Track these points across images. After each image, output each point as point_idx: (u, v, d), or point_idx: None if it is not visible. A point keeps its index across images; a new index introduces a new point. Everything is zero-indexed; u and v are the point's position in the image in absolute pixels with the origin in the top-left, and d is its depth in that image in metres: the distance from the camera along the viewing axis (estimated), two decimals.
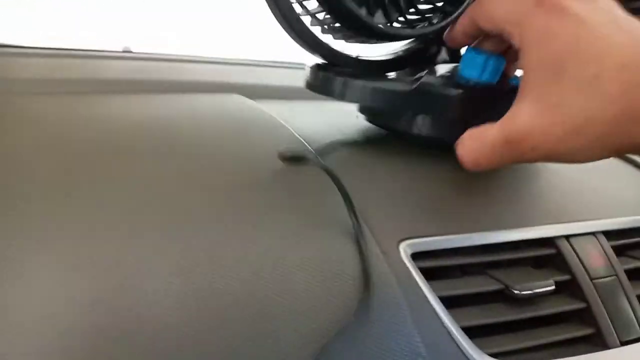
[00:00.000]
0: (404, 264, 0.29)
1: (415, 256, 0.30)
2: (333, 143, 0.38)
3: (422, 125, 0.36)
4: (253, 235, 0.28)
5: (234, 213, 0.29)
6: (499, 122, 0.27)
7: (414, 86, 0.33)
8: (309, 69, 0.38)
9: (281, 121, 0.40)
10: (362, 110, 0.41)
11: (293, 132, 0.38)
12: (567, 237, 0.34)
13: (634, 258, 0.36)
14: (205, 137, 0.36)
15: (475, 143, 0.28)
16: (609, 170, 0.42)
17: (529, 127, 0.26)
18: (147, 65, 0.58)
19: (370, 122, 0.41)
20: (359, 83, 0.34)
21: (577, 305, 0.32)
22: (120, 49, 0.81)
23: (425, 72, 0.34)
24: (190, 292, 0.25)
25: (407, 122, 0.36)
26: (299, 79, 0.40)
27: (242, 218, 0.29)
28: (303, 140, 0.37)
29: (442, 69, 0.36)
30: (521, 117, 0.26)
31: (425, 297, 0.29)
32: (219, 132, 0.37)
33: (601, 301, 0.32)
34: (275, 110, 0.42)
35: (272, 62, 0.66)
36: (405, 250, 0.30)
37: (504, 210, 0.34)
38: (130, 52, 0.72)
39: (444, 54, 0.39)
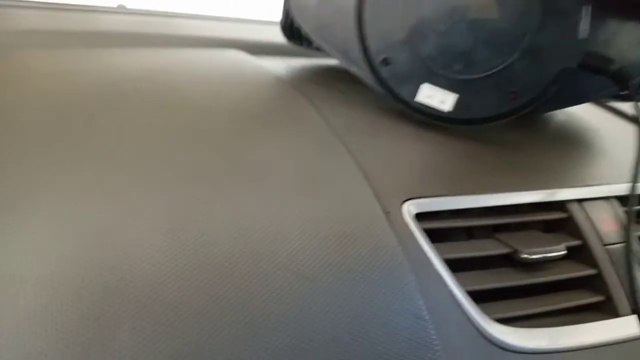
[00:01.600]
0: (407, 224, 0.28)
1: (420, 217, 0.28)
2: (333, 100, 0.36)
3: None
4: (247, 190, 0.26)
5: (227, 167, 0.27)
6: None
7: None
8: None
9: (278, 75, 0.38)
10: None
11: (291, 86, 0.36)
12: (579, 201, 0.33)
13: None
14: (199, 91, 0.34)
15: None
16: (624, 137, 0.40)
17: None
18: (143, 20, 0.55)
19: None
20: None
21: (588, 271, 0.31)
22: (115, 6, 0.79)
23: None
24: (178, 246, 0.23)
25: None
26: None
27: (235, 172, 0.27)
28: (301, 95, 0.35)
29: None
30: None
31: (429, 259, 0.27)
32: (214, 85, 0.35)
33: (613, 268, 0.31)
34: (272, 65, 0.40)
35: (271, 20, 0.63)
36: (409, 210, 0.28)
37: (514, 174, 0.32)
38: (125, 8, 0.70)
39: None
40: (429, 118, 0.33)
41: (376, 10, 0.32)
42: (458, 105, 0.32)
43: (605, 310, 0.30)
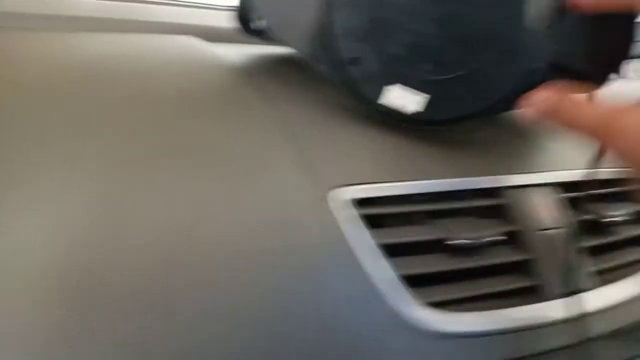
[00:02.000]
0: (347, 209, 0.28)
1: (360, 203, 0.29)
2: (284, 90, 0.36)
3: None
4: (189, 176, 0.27)
5: (168, 153, 0.27)
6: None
7: None
8: None
9: (229, 63, 0.38)
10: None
11: (241, 75, 0.36)
12: (515, 188, 0.33)
13: (586, 211, 0.35)
14: (145, 78, 0.34)
15: None
16: None
17: None
18: (97, 4, 0.55)
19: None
20: None
21: (520, 256, 0.31)
22: None
23: None
24: (112, 233, 0.23)
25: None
26: None
27: (177, 158, 0.27)
28: (250, 83, 0.35)
29: None
30: None
31: (366, 244, 0.28)
32: (162, 72, 0.35)
33: (546, 253, 0.32)
34: (225, 53, 0.40)
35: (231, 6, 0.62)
36: (349, 195, 0.29)
37: (451, 160, 0.33)
38: None
39: None
40: (395, 119, 0.32)
41: (344, 7, 0.31)
42: (427, 106, 0.31)
43: (537, 294, 0.31)
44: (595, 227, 0.35)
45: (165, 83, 0.33)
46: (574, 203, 0.34)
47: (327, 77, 0.33)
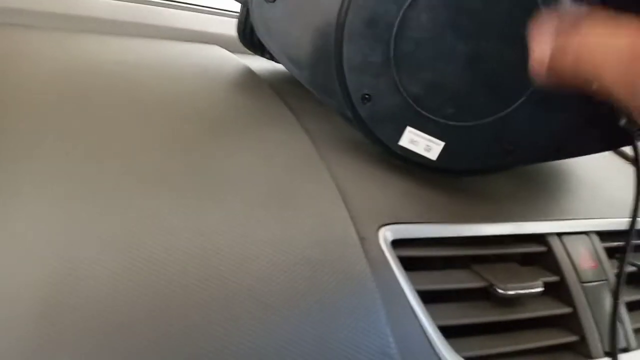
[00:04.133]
0: (383, 251, 0.26)
1: (396, 244, 0.27)
2: (316, 110, 0.34)
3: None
4: (211, 204, 0.24)
5: (191, 177, 0.25)
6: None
7: None
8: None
9: (259, 77, 0.36)
10: None
11: (272, 91, 0.34)
12: (559, 235, 0.32)
13: (629, 262, 0.34)
14: (170, 90, 0.32)
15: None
16: (607, 169, 0.39)
17: None
18: (123, 6, 0.53)
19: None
20: None
21: (564, 309, 0.30)
22: None
23: None
24: (129, 264, 0.21)
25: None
26: None
27: (200, 183, 0.25)
28: (281, 101, 0.33)
29: None
30: None
31: (402, 290, 0.26)
32: (188, 84, 0.33)
33: (589, 307, 0.30)
34: (255, 65, 0.38)
35: None
36: (385, 236, 0.27)
37: (494, 204, 0.31)
38: None
39: None
40: (410, 164, 0.29)
41: (359, 38, 0.27)
42: (444, 153, 0.28)
43: (579, 350, 0.29)
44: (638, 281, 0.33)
45: (190, 97, 0.31)
46: (616, 253, 0.32)
47: (337, 112, 0.30)
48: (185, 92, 0.32)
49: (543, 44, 0.21)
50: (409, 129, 0.28)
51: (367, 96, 0.28)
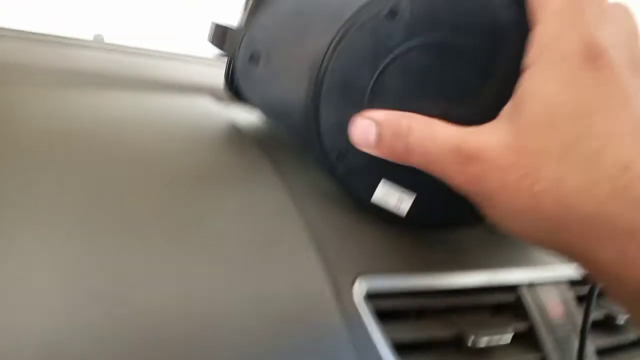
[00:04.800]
0: (357, 304, 0.28)
1: (371, 295, 0.28)
2: (296, 160, 0.35)
3: None
4: (191, 258, 0.26)
5: (172, 231, 0.27)
6: (458, 128, 0.25)
7: None
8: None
9: (245, 132, 0.38)
10: None
11: (254, 143, 0.36)
12: (529, 284, 0.33)
13: (599, 309, 0.35)
14: (156, 145, 0.33)
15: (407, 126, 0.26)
16: None
17: (497, 150, 0.23)
18: (119, 59, 0.55)
19: None
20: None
21: (534, 356, 0.31)
22: (92, 37, 0.78)
23: None
24: (111, 317, 0.22)
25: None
26: None
27: (180, 237, 0.26)
28: (262, 153, 0.35)
29: None
30: (493, 136, 0.23)
31: (376, 342, 0.27)
32: (174, 138, 0.35)
33: (558, 355, 0.31)
34: (240, 117, 0.40)
35: None
36: (360, 289, 0.28)
37: (467, 254, 0.32)
38: (102, 42, 0.69)
39: None
40: (385, 216, 0.30)
41: (334, 100, 0.29)
42: (417, 206, 0.29)
43: None
44: (607, 326, 0.35)
45: (175, 152, 0.33)
46: (585, 300, 0.34)
47: (319, 166, 0.31)
48: (172, 148, 0.33)
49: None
50: (382, 182, 0.30)
51: (342, 153, 0.30)
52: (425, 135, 0.25)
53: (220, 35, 0.36)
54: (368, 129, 0.27)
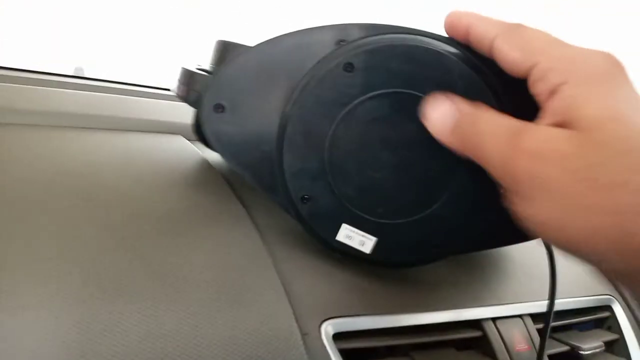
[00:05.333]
0: (325, 346, 0.28)
1: (338, 336, 0.29)
2: (268, 204, 0.36)
3: None
4: (166, 304, 0.26)
5: (147, 277, 0.27)
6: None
7: None
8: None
9: (218, 170, 0.39)
10: None
11: (224, 183, 0.37)
12: (494, 320, 0.34)
13: (559, 341, 0.36)
14: (130, 189, 0.34)
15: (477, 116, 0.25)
16: (541, 251, 0.42)
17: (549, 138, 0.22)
18: (97, 98, 0.56)
19: None
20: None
21: None
22: (72, 70, 0.79)
23: None
24: None
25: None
26: None
27: (155, 284, 0.27)
28: (236, 197, 0.36)
29: None
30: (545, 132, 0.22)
31: None
32: (148, 181, 0.36)
33: None
34: (215, 158, 0.41)
35: None
36: (326, 330, 0.29)
37: (432, 292, 0.34)
38: (83, 76, 0.70)
39: None
40: (348, 258, 0.32)
41: (296, 147, 0.30)
42: (378, 247, 0.31)
43: None
44: (572, 359, 0.36)
45: (149, 195, 0.34)
46: (547, 334, 0.35)
47: (284, 210, 0.32)
48: (145, 190, 0.34)
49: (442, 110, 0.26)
50: (344, 226, 0.31)
51: (306, 197, 0.31)
52: (492, 122, 0.24)
53: (188, 79, 0.37)
54: (448, 114, 0.26)
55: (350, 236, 0.31)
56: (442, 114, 0.27)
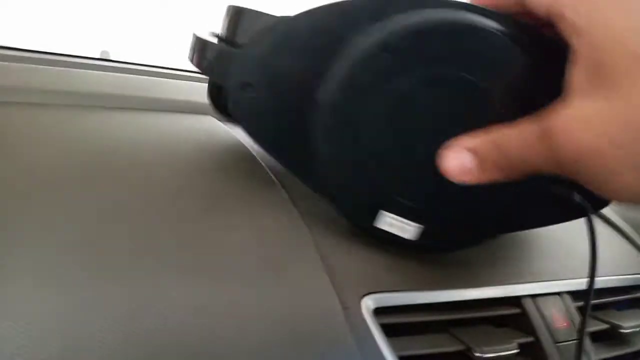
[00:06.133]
0: (365, 320, 0.28)
1: (378, 311, 0.29)
2: (302, 188, 0.36)
3: None
4: (207, 280, 0.27)
5: (188, 253, 0.28)
6: (531, 117, 0.23)
7: None
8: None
9: (251, 150, 0.39)
10: None
11: (261, 162, 0.37)
12: (533, 297, 0.34)
13: (599, 319, 0.36)
14: (165, 167, 0.34)
15: (482, 145, 0.25)
16: (582, 230, 0.42)
17: (580, 115, 0.21)
18: (125, 79, 0.56)
19: None
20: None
21: None
22: (99, 53, 0.80)
23: None
24: (125, 338, 0.23)
25: None
26: None
27: (196, 259, 0.27)
28: (271, 174, 0.36)
29: None
30: (569, 109, 0.22)
31: (385, 357, 0.28)
32: (183, 160, 0.36)
33: None
34: (247, 139, 0.41)
35: None
36: (367, 305, 0.29)
37: (471, 269, 0.33)
38: (109, 59, 0.71)
39: None
40: (390, 242, 0.31)
41: (332, 130, 0.29)
42: (420, 235, 0.30)
43: None
44: (611, 337, 0.35)
45: (185, 174, 0.34)
46: (588, 310, 0.34)
47: (319, 196, 0.32)
48: (181, 169, 0.34)
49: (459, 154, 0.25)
50: (384, 212, 0.30)
51: (342, 186, 0.30)
52: (516, 142, 0.24)
53: (202, 50, 0.35)
54: (464, 160, 0.25)
55: (392, 223, 0.30)
56: (458, 161, 0.26)
